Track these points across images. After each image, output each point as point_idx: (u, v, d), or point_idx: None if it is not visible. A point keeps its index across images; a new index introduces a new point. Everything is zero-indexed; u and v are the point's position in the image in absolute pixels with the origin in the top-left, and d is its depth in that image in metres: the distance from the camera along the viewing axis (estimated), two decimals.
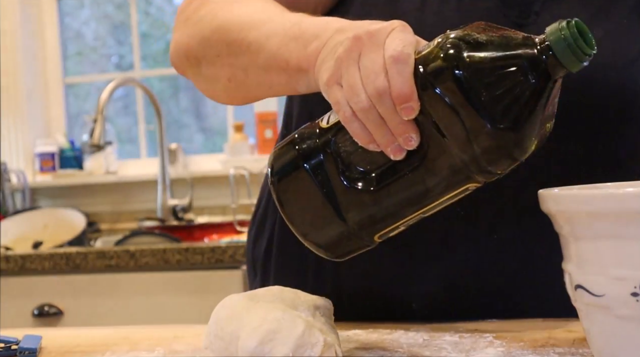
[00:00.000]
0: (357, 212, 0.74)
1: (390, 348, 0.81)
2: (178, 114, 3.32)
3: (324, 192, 0.74)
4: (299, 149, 0.75)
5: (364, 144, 0.71)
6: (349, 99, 0.70)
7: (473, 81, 0.67)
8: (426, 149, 0.70)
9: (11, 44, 3.10)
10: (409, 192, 0.72)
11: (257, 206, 1.10)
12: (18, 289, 2.22)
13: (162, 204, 2.87)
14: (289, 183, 0.76)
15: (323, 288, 0.93)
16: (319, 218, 0.75)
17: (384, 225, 0.75)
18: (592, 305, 0.63)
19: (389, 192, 0.73)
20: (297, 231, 0.77)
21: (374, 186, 0.73)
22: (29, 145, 3.14)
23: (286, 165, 0.76)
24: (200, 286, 2.13)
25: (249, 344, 0.71)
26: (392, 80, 0.68)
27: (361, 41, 0.71)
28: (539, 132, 0.70)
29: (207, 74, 0.93)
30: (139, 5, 3.28)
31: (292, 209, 0.76)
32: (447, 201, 0.73)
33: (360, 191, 0.73)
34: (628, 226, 0.59)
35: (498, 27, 0.70)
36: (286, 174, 0.76)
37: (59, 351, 0.87)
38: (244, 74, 0.88)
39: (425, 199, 0.73)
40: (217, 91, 0.95)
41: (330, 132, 0.74)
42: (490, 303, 0.92)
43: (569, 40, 0.67)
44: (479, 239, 0.90)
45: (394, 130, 0.69)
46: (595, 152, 0.90)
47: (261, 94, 0.90)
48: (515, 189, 0.88)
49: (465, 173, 0.70)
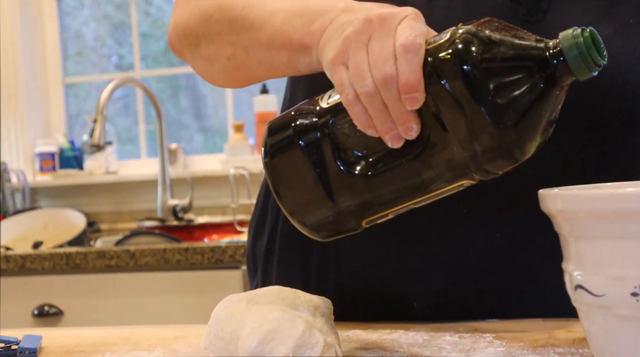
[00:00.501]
0: (348, 196, 0.73)
1: (390, 348, 0.81)
2: (178, 114, 3.32)
3: (316, 172, 0.73)
4: (295, 126, 0.74)
5: (363, 129, 0.71)
6: (354, 81, 0.70)
7: (481, 79, 0.66)
8: (425, 141, 0.70)
9: (11, 44, 3.10)
10: (403, 183, 0.72)
11: (257, 204, 1.10)
12: (18, 289, 2.22)
13: (162, 204, 2.87)
14: (281, 159, 0.75)
15: (326, 288, 0.93)
16: (308, 198, 0.74)
17: (374, 212, 0.74)
18: (592, 305, 0.63)
19: (382, 180, 0.72)
20: (286, 208, 0.76)
21: (368, 172, 0.72)
22: (29, 145, 3.14)
23: (281, 141, 0.75)
24: (200, 286, 2.13)
25: (249, 344, 0.71)
26: (400, 69, 0.68)
27: (372, 25, 0.70)
28: (541, 136, 0.69)
29: (206, 54, 0.92)
30: (139, 5, 3.28)
31: (283, 186, 0.75)
32: (440, 194, 0.73)
33: (354, 175, 0.72)
34: (628, 226, 0.59)
35: (511, 26, 0.69)
36: (280, 150, 0.75)
37: (59, 351, 0.87)
38: (245, 53, 0.86)
39: (418, 191, 0.72)
40: (215, 72, 0.93)
41: (330, 112, 0.73)
42: (490, 303, 0.92)
43: (582, 48, 0.66)
44: (479, 239, 0.90)
45: (395, 118, 0.69)
46: (599, 152, 0.90)
47: (261, 74, 0.89)
48: (516, 189, 0.88)
49: (463, 169, 0.70)
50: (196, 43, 0.92)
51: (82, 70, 3.37)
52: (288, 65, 0.83)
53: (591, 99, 0.87)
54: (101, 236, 2.82)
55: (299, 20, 0.79)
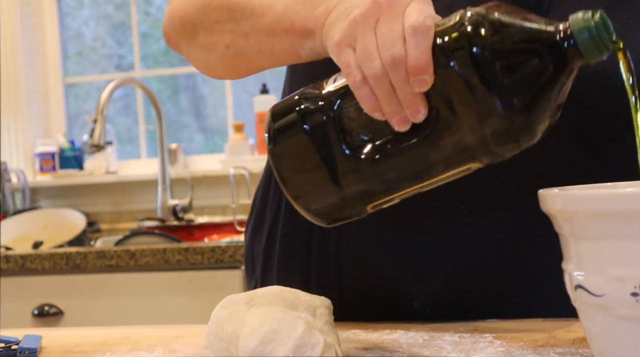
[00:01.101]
0: (354, 180, 0.72)
1: (390, 348, 0.81)
2: (178, 114, 3.32)
3: (321, 156, 0.72)
4: (300, 110, 0.73)
5: (370, 112, 0.70)
6: (362, 63, 0.69)
7: (491, 61, 0.66)
8: (433, 125, 0.69)
9: (11, 44, 3.10)
10: (410, 166, 0.71)
11: (254, 203, 1.09)
12: (18, 289, 2.22)
13: (162, 204, 2.87)
14: (286, 143, 0.74)
15: (326, 288, 0.93)
16: (313, 182, 0.73)
17: (380, 196, 0.73)
18: (592, 305, 0.63)
19: (388, 164, 0.71)
20: (290, 193, 0.75)
21: (374, 156, 0.71)
22: (29, 145, 3.14)
23: (285, 125, 0.74)
24: (200, 286, 2.13)
25: (249, 344, 0.71)
26: (409, 50, 0.67)
27: (380, 7, 0.70)
28: (549, 119, 0.69)
29: (203, 42, 0.91)
30: (139, 5, 3.28)
31: (287, 170, 0.74)
32: (448, 178, 0.72)
33: (360, 159, 0.71)
34: (628, 226, 0.59)
35: (520, 9, 0.69)
36: (284, 135, 0.74)
37: (59, 351, 0.87)
38: (244, 40, 0.86)
39: (425, 175, 0.71)
40: (212, 62, 0.92)
41: (335, 95, 0.72)
42: (490, 303, 0.92)
43: (592, 31, 0.66)
44: (479, 238, 0.90)
45: (403, 101, 0.68)
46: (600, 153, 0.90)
47: (260, 63, 0.88)
48: (516, 189, 0.88)
49: (471, 153, 0.69)
50: (193, 32, 0.91)
51: (82, 70, 3.37)
52: (290, 52, 0.82)
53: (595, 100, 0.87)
54: (101, 236, 2.82)
55: (302, 5, 0.78)
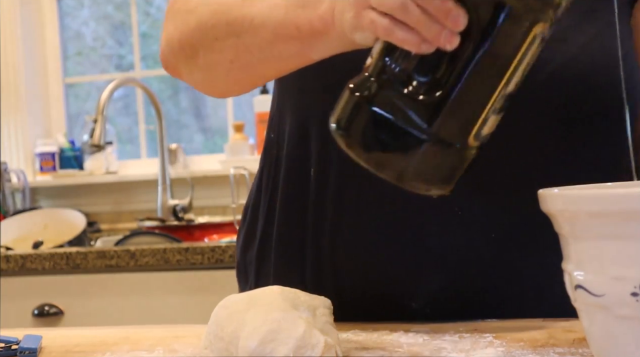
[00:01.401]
0: (440, 122, 0.70)
1: (390, 348, 0.81)
2: (178, 114, 3.32)
3: (401, 122, 0.70)
4: (360, 98, 0.71)
5: (416, 48, 0.69)
6: (380, 6, 0.69)
7: None
8: (476, 20, 0.68)
9: (11, 44, 3.10)
10: (483, 73, 0.69)
11: (245, 211, 1.08)
12: (18, 289, 2.22)
13: (162, 204, 2.87)
14: (364, 134, 0.72)
15: (323, 288, 0.93)
16: (406, 150, 0.71)
17: (473, 121, 0.70)
18: (592, 305, 0.63)
19: (463, 86, 0.69)
20: (391, 175, 0.72)
21: (445, 88, 0.70)
22: (29, 145, 3.14)
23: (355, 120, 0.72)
24: (200, 286, 2.13)
25: (249, 344, 0.71)
26: None
27: None
28: None
29: (204, 62, 0.91)
30: (139, 5, 3.28)
31: (378, 156, 0.72)
32: (523, 62, 0.70)
33: (433, 101, 0.70)
34: (628, 226, 0.59)
35: None
36: (359, 128, 0.72)
37: (59, 351, 0.87)
38: (248, 53, 0.85)
39: (501, 72, 0.69)
40: (216, 80, 0.92)
41: (379, 63, 0.71)
42: (490, 303, 0.92)
43: None
44: (477, 239, 0.90)
45: (437, 15, 0.67)
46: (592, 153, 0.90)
47: (268, 72, 0.88)
48: (515, 189, 0.88)
49: (528, 16, 0.67)
50: (193, 53, 0.91)
51: (82, 70, 3.37)
52: (298, 56, 0.82)
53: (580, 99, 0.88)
54: (101, 236, 2.82)
55: (302, 9, 0.79)
